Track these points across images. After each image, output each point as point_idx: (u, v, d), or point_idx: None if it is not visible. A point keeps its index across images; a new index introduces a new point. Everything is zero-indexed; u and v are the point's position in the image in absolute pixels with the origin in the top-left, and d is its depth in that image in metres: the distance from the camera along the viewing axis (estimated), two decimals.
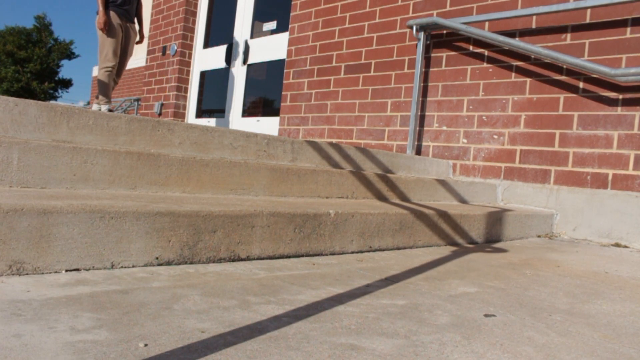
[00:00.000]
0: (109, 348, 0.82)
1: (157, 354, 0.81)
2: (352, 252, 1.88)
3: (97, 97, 5.03)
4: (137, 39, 5.29)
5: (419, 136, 3.80)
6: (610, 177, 2.88)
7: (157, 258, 1.38)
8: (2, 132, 1.66)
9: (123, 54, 5.02)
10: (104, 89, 4.86)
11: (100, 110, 4.98)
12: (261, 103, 5.71)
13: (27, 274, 1.17)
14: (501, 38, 3.22)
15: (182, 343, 0.87)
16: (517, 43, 3.14)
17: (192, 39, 6.62)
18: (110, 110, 4.92)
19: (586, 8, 2.95)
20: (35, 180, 1.52)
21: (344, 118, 4.36)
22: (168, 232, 1.39)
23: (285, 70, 4.97)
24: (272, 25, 5.58)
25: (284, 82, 4.96)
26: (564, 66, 3.08)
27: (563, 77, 3.11)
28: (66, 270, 1.23)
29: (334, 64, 4.50)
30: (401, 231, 2.06)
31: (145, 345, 0.84)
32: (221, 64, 6.14)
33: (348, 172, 2.42)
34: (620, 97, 2.88)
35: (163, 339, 0.87)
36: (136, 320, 0.95)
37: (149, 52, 7.16)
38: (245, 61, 5.81)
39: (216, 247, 1.50)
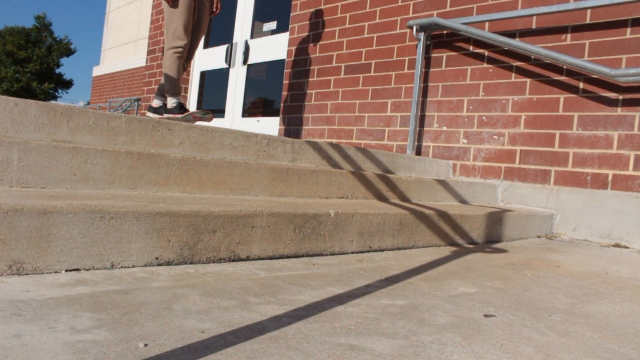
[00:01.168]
0: (109, 348, 0.82)
1: (157, 354, 0.81)
2: (352, 253, 1.88)
3: (158, 93, 3.81)
4: (213, 9, 3.97)
5: (419, 136, 3.80)
6: (610, 178, 2.88)
7: (157, 258, 1.38)
8: (2, 132, 1.67)
9: (196, 30, 3.79)
10: (172, 79, 3.66)
11: (163, 106, 3.72)
12: (261, 103, 5.71)
13: (27, 274, 1.17)
14: (501, 38, 3.22)
15: (182, 343, 0.87)
16: (517, 43, 3.14)
17: None
18: (180, 105, 3.67)
19: (586, 8, 2.95)
20: (35, 180, 1.52)
21: (344, 118, 4.36)
22: (168, 232, 1.39)
23: (285, 71, 4.97)
24: (272, 25, 5.58)
25: (284, 82, 4.95)
26: (564, 66, 3.08)
27: (563, 78, 3.11)
28: (66, 270, 1.23)
29: (334, 64, 4.50)
30: (401, 231, 2.06)
31: (145, 345, 0.84)
32: (221, 64, 6.14)
33: (348, 172, 2.42)
34: (620, 97, 2.88)
35: (163, 339, 0.87)
36: (136, 320, 0.95)
37: (149, 52, 7.16)
38: (245, 61, 5.81)
39: (216, 247, 1.50)
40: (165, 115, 3.73)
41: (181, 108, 3.69)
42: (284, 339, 0.94)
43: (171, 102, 3.69)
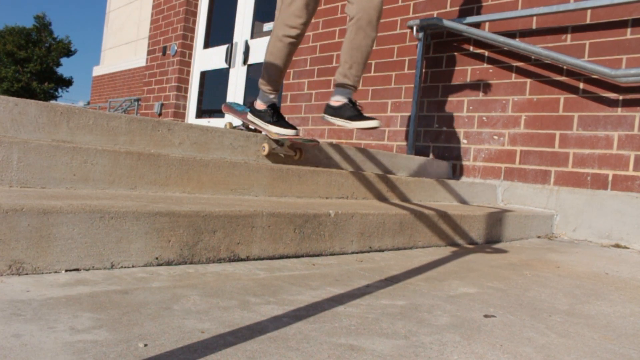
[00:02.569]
0: (109, 348, 0.82)
1: (157, 354, 0.81)
2: (352, 253, 1.88)
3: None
4: None
5: (419, 137, 3.80)
6: (610, 178, 2.88)
7: (157, 258, 1.38)
8: (2, 131, 1.66)
9: (313, 12, 2.54)
10: (272, 68, 2.60)
11: (253, 109, 2.50)
12: None
13: (26, 273, 1.17)
14: (501, 39, 3.22)
15: (182, 343, 0.87)
16: (517, 44, 3.14)
17: (192, 39, 6.62)
18: (271, 108, 2.46)
19: (586, 9, 2.95)
20: (35, 180, 1.52)
21: None
22: (168, 232, 1.39)
23: None
24: (272, 25, 5.58)
25: (284, 82, 4.96)
26: (564, 67, 3.08)
27: (563, 78, 3.11)
28: (66, 270, 1.23)
29: (334, 64, 4.49)
30: (401, 232, 2.06)
31: (145, 345, 0.84)
32: (221, 64, 6.14)
33: (348, 172, 2.42)
34: (621, 97, 2.88)
35: (163, 339, 0.87)
36: (136, 321, 0.95)
37: (149, 52, 7.16)
38: (245, 61, 5.81)
39: (216, 247, 1.50)
40: (254, 121, 2.53)
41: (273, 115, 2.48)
42: (283, 339, 0.94)
43: (263, 103, 2.54)
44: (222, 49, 6.14)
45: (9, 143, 1.46)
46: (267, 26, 5.64)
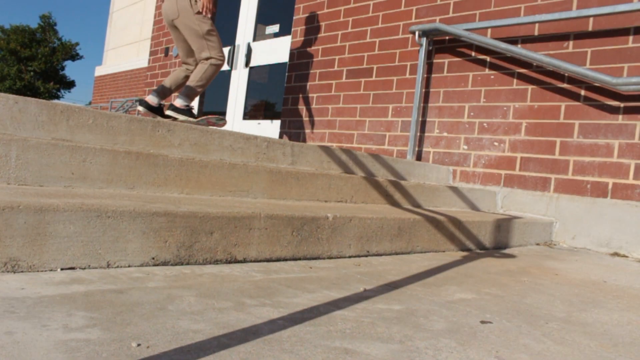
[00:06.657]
0: (102, 347, 0.81)
1: (150, 354, 0.81)
2: (350, 257, 1.87)
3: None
4: None
5: (420, 142, 3.80)
6: (610, 186, 2.88)
7: (153, 258, 1.37)
8: (1, 129, 1.66)
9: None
10: (197, 89, 3.82)
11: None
12: (262, 106, 5.71)
13: (22, 271, 1.17)
14: (503, 45, 3.22)
15: (176, 344, 0.86)
16: (519, 50, 3.14)
17: None
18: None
19: (588, 17, 2.96)
20: (33, 178, 1.51)
21: (345, 122, 4.36)
22: (165, 233, 1.39)
23: (287, 74, 4.97)
24: (274, 28, 5.59)
25: (286, 85, 4.96)
26: (566, 74, 3.08)
27: (565, 85, 3.11)
28: (61, 269, 1.22)
29: (335, 68, 4.50)
30: (399, 236, 2.05)
31: (138, 345, 0.84)
32: (223, 66, 6.14)
33: (348, 176, 2.42)
34: (622, 105, 2.88)
35: (156, 339, 0.87)
36: (130, 320, 0.95)
37: (151, 53, 7.17)
38: (247, 64, 5.82)
39: (213, 249, 1.50)
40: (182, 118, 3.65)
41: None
42: (278, 341, 0.93)
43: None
44: (224, 51, 6.15)
45: (7, 140, 1.46)
46: (270, 29, 5.65)
